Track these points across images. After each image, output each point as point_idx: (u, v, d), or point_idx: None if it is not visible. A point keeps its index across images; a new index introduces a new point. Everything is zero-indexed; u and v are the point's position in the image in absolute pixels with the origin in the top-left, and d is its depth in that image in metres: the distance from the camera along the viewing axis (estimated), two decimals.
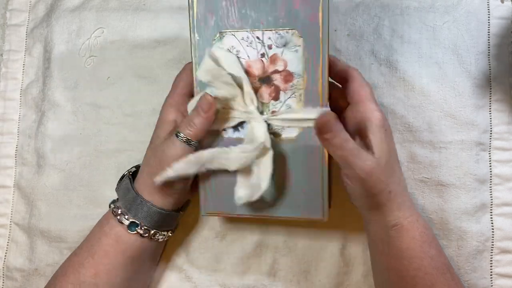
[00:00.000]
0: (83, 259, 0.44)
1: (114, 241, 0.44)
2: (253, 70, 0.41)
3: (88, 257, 0.44)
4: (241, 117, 0.42)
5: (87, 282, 0.43)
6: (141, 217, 0.43)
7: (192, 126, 0.41)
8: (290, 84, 0.41)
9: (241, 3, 0.40)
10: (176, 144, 0.41)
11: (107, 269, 0.43)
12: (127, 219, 0.43)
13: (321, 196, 0.41)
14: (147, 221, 0.44)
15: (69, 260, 0.45)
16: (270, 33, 0.40)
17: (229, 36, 0.41)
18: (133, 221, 0.43)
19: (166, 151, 0.41)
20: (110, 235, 0.44)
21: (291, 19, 0.39)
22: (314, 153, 0.41)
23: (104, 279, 0.43)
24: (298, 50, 0.40)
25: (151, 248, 0.46)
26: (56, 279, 0.45)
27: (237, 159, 0.40)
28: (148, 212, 0.43)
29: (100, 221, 0.46)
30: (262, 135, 0.40)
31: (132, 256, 0.44)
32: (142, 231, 0.44)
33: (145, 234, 0.44)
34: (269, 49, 0.41)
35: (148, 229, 0.44)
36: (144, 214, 0.43)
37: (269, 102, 0.41)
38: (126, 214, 0.43)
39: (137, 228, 0.43)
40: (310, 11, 0.39)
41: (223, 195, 0.43)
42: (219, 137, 0.43)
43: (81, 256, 0.44)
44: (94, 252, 0.44)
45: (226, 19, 0.41)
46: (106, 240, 0.44)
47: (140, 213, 0.43)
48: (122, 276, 0.44)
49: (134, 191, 0.44)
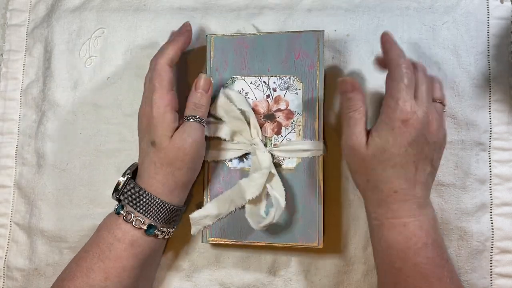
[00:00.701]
0: (92, 264, 0.43)
1: (129, 246, 0.44)
2: (259, 109, 0.48)
3: (99, 262, 0.43)
4: (246, 149, 0.48)
5: (96, 286, 0.43)
6: (159, 218, 0.44)
7: (200, 107, 0.45)
8: (291, 120, 0.47)
9: (251, 56, 0.48)
10: (194, 126, 0.44)
11: (118, 272, 0.43)
12: (144, 223, 0.44)
13: (317, 224, 0.46)
14: (164, 222, 0.45)
15: (76, 265, 0.44)
16: (275, 78, 0.48)
17: (240, 80, 0.48)
18: (151, 224, 0.44)
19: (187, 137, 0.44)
20: (123, 240, 0.44)
21: (293, 68, 0.47)
22: (311, 182, 0.46)
23: (114, 282, 0.43)
24: (298, 93, 0.47)
25: (160, 246, 0.48)
26: (63, 283, 0.44)
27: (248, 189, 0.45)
28: (165, 213, 0.45)
29: (106, 226, 0.45)
30: (267, 163, 0.46)
31: (144, 258, 0.45)
32: (160, 232, 0.45)
33: (162, 235, 0.45)
34: (273, 91, 0.48)
35: (164, 229, 0.45)
36: (162, 216, 0.44)
37: (271, 136, 0.48)
38: (143, 218, 0.44)
39: (155, 231, 0.44)
40: (309, 62, 0.47)
41: (224, 224, 0.47)
42: (225, 167, 0.48)
43: (89, 261, 0.44)
44: (105, 257, 0.43)
45: (238, 68, 0.48)
46: (119, 245, 0.44)
47: (158, 215, 0.44)
48: (133, 277, 0.44)
49: (151, 195, 0.44)
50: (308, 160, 0.47)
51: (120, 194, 0.46)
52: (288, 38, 0.48)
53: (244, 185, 0.45)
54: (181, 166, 0.44)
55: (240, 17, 0.53)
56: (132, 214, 0.44)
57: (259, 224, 0.44)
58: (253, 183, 0.45)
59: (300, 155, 0.47)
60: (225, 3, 0.54)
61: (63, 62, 0.56)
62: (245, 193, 0.45)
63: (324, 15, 0.52)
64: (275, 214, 0.43)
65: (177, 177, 0.44)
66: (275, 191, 0.45)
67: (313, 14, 0.52)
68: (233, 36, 0.49)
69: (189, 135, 0.44)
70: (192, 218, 0.47)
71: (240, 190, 0.45)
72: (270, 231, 0.47)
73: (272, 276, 0.50)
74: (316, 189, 0.46)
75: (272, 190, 0.45)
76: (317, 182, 0.46)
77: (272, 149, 0.47)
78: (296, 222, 0.46)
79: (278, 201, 0.45)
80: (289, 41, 0.48)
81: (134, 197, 0.45)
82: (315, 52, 0.47)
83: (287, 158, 0.47)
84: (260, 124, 0.48)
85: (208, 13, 0.54)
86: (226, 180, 0.48)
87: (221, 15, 0.54)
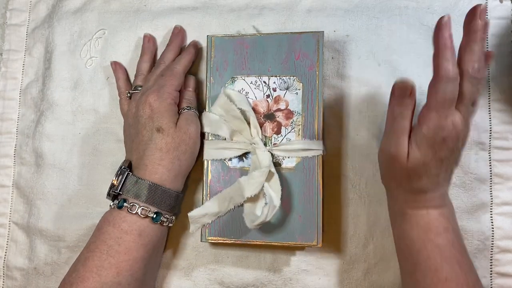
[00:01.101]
0: (102, 262, 0.43)
1: (137, 236, 0.44)
2: (259, 108, 0.48)
3: (109, 258, 0.43)
4: (246, 148, 0.48)
5: (109, 283, 0.42)
6: (164, 205, 0.46)
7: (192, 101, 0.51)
8: (291, 120, 0.48)
9: (252, 56, 0.49)
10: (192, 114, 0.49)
11: (130, 265, 0.43)
12: (150, 211, 0.45)
13: (316, 223, 0.46)
14: (168, 208, 0.46)
15: (83, 266, 0.43)
16: (275, 78, 0.48)
17: (240, 80, 0.49)
18: (157, 212, 0.45)
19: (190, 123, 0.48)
20: (131, 231, 0.44)
21: (293, 68, 0.48)
22: (310, 182, 0.47)
23: (126, 275, 0.43)
24: (298, 93, 0.48)
25: (164, 235, 0.49)
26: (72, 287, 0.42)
27: (248, 187, 0.45)
28: (169, 199, 0.46)
29: (109, 222, 0.45)
30: (267, 162, 0.46)
31: (152, 248, 0.45)
32: (166, 219, 0.46)
33: (167, 222, 0.46)
34: (273, 91, 0.48)
35: (169, 216, 0.47)
36: (167, 202, 0.46)
37: (271, 136, 0.48)
38: (148, 207, 0.45)
39: (161, 218, 0.45)
40: (309, 63, 0.48)
41: (223, 223, 0.47)
42: (225, 166, 0.48)
43: (98, 260, 0.43)
44: (115, 252, 0.43)
45: (238, 68, 0.49)
46: (128, 237, 0.44)
47: (163, 202, 0.46)
48: (143, 268, 0.45)
49: (155, 183, 0.45)
50: (308, 160, 0.47)
51: (120, 188, 0.46)
52: (288, 39, 0.48)
53: (243, 183, 0.45)
54: (185, 149, 0.47)
55: (240, 17, 0.54)
56: (137, 205, 0.44)
57: (252, 223, 0.44)
58: (252, 181, 0.45)
59: (299, 154, 0.47)
60: (225, 3, 0.54)
61: (64, 62, 0.56)
62: (244, 190, 0.45)
63: (324, 16, 0.52)
64: (268, 212, 0.43)
65: (181, 161, 0.47)
66: (271, 190, 0.46)
67: (312, 15, 0.53)
68: (233, 37, 0.49)
69: (192, 121, 0.48)
70: (191, 216, 0.47)
71: (240, 188, 0.46)
72: (270, 230, 0.47)
73: (271, 275, 0.50)
74: (316, 188, 0.46)
75: (268, 189, 0.46)
76: (317, 182, 0.46)
77: (271, 149, 0.47)
78: (295, 221, 0.46)
79: (273, 200, 0.45)
80: (289, 41, 0.48)
81: (138, 188, 0.45)
82: (315, 53, 0.47)
83: (286, 158, 0.47)
84: (260, 124, 0.48)
85: (208, 13, 0.54)
86: (226, 179, 0.48)
87: (221, 16, 0.54)
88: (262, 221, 0.43)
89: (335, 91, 0.51)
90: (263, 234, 0.47)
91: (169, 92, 0.48)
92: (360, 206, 0.49)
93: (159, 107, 0.47)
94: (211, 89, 0.49)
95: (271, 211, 0.44)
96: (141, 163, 0.46)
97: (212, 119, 0.48)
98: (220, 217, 0.47)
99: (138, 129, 0.47)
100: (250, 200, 0.46)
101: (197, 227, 0.47)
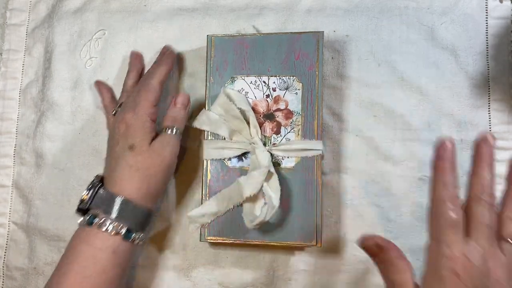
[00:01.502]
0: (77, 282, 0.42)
1: (111, 254, 0.43)
2: (259, 108, 0.48)
3: (85, 279, 0.42)
4: (246, 148, 0.48)
5: None
6: (134, 222, 0.44)
7: (178, 121, 0.48)
8: (290, 120, 0.48)
9: (251, 56, 0.49)
10: (172, 137, 0.47)
11: (106, 285, 0.43)
12: (121, 227, 0.44)
13: (315, 223, 0.46)
14: (139, 226, 0.45)
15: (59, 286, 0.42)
16: (275, 78, 0.48)
17: (240, 80, 0.49)
18: (128, 228, 0.44)
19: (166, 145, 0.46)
20: (106, 249, 0.43)
21: (293, 68, 0.48)
22: (310, 182, 0.47)
23: None
24: (298, 93, 0.48)
25: (135, 254, 0.48)
26: None
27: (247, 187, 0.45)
28: (140, 217, 0.45)
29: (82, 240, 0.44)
30: (266, 161, 0.46)
31: (125, 267, 0.45)
32: (138, 237, 0.45)
33: (137, 240, 0.45)
34: (273, 91, 0.48)
35: (140, 233, 0.45)
36: (137, 219, 0.45)
37: (271, 136, 0.48)
38: (120, 223, 0.44)
39: (132, 235, 0.44)
40: (308, 63, 0.48)
41: (222, 223, 0.47)
42: (224, 166, 0.48)
43: (74, 279, 0.42)
44: (92, 271, 0.42)
45: (238, 68, 0.49)
46: (102, 255, 0.43)
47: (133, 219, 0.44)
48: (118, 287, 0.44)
49: (125, 199, 0.44)
50: (307, 160, 0.47)
51: (90, 203, 0.45)
52: (288, 39, 0.48)
53: (242, 183, 0.45)
54: (156, 172, 0.45)
55: (240, 17, 0.54)
56: (108, 221, 0.43)
57: (252, 223, 0.44)
58: (252, 181, 0.45)
59: (299, 154, 0.47)
60: (225, 3, 0.54)
61: (64, 62, 0.56)
62: (243, 190, 0.45)
63: (324, 16, 0.52)
64: (267, 212, 0.44)
65: (151, 184, 0.45)
66: (271, 190, 0.46)
67: (312, 15, 0.53)
68: (233, 37, 0.49)
69: (167, 144, 0.46)
70: (190, 216, 0.47)
71: (239, 188, 0.45)
72: (269, 230, 0.47)
73: (271, 275, 0.50)
74: (315, 188, 0.46)
75: (268, 188, 0.46)
76: (316, 182, 0.47)
77: (271, 149, 0.47)
78: (294, 221, 0.46)
79: (272, 200, 0.45)
80: (289, 41, 0.48)
81: (108, 204, 0.44)
82: (315, 53, 0.47)
83: (286, 158, 0.47)
84: (260, 124, 0.48)
85: (208, 14, 0.54)
86: (225, 179, 0.48)
87: (221, 16, 0.54)
88: (261, 221, 0.43)
89: (335, 91, 0.51)
90: (262, 234, 0.47)
91: (144, 109, 0.46)
92: (359, 206, 0.49)
93: (134, 124, 0.46)
94: (211, 89, 0.49)
95: (270, 211, 0.44)
96: (112, 178, 0.45)
97: (211, 118, 0.48)
98: (219, 217, 0.47)
99: (112, 144, 0.47)
100: (249, 200, 0.46)
101: (197, 227, 0.47)
